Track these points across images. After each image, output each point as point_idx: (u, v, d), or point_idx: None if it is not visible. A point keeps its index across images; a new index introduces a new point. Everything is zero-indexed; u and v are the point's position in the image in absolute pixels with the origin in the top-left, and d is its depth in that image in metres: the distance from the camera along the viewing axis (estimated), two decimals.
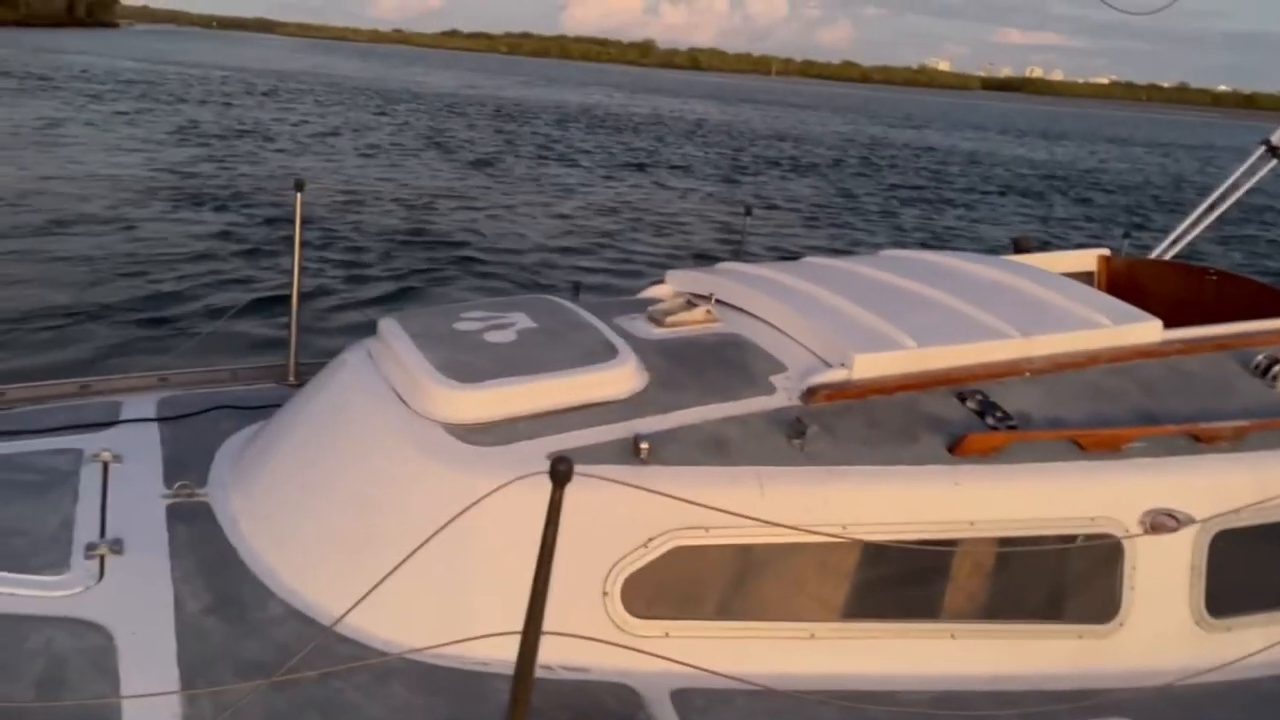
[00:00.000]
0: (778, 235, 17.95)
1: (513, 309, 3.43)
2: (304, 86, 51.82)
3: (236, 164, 20.89)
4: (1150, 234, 17.76)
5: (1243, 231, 22.71)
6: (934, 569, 2.80)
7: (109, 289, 10.42)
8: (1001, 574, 2.87)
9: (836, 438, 2.87)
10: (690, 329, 3.43)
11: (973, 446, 2.86)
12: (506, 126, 37.18)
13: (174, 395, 3.92)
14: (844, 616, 2.74)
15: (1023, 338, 3.31)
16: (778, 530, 2.65)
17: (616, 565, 2.60)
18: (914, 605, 2.79)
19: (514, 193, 20.56)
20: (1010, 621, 2.85)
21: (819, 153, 37.91)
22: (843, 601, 2.75)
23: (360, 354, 3.27)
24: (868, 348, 3.12)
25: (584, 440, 2.76)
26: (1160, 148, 67.53)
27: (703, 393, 3.00)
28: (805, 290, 3.56)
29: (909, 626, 2.77)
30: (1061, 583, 2.92)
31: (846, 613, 2.75)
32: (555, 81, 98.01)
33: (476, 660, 2.46)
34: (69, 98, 32.62)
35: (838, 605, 2.74)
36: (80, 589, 2.59)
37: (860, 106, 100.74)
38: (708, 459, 2.75)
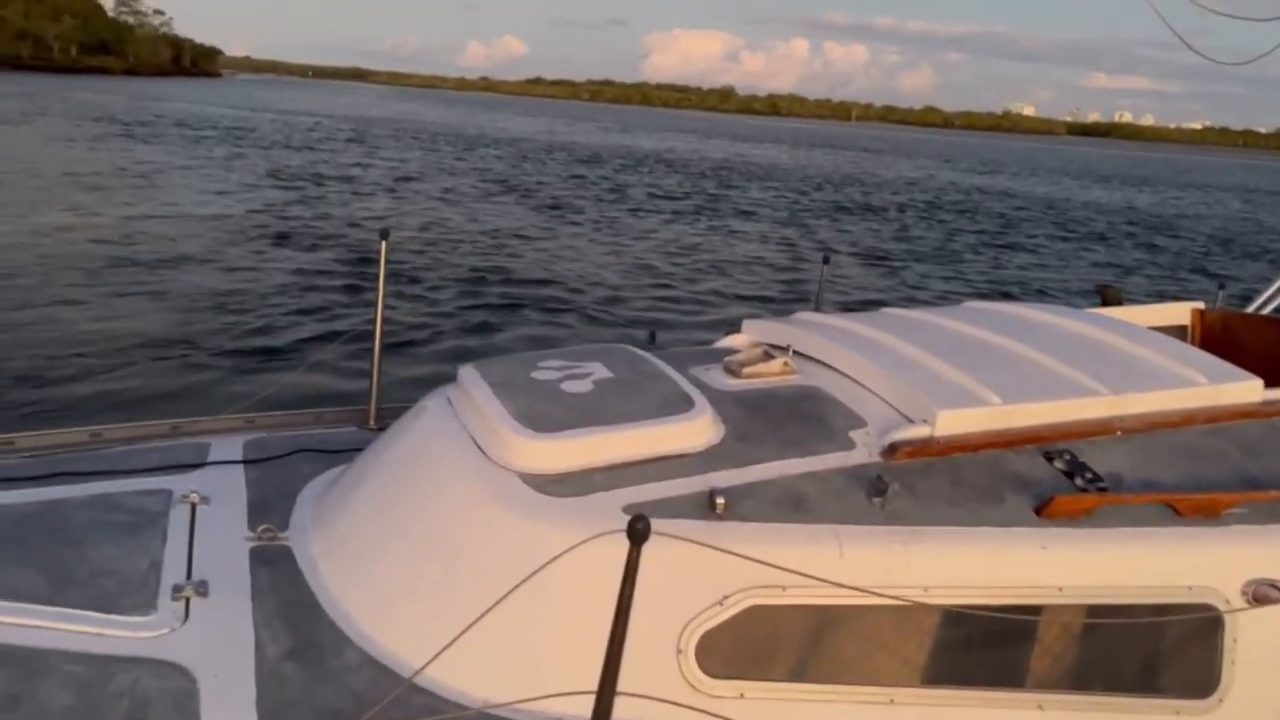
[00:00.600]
0: (855, 282, 17.80)
1: (590, 358, 3.44)
2: (389, 132, 53.55)
3: (322, 207, 21.65)
4: (1244, 285, 17.10)
5: None
6: (1020, 636, 2.69)
7: (199, 327, 10.83)
8: (1091, 643, 2.75)
9: (918, 497, 2.80)
10: (767, 381, 3.40)
11: (1061, 509, 2.76)
12: (584, 171, 37.82)
13: (259, 437, 4.02)
14: (925, 682, 2.65)
15: (1114, 395, 3.19)
16: (857, 591, 2.59)
17: (691, 623, 2.56)
18: (999, 673, 2.69)
19: (591, 236, 20.82)
20: (1101, 694, 2.72)
21: (897, 199, 37.57)
22: (924, 667, 2.66)
23: (440, 401, 3.31)
24: (951, 404, 3.05)
25: (659, 493, 2.74)
26: (1256, 195, 65.23)
27: (780, 447, 2.96)
28: (885, 342, 3.51)
29: (993, 695, 2.67)
30: (1156, 654, 2.78)
31: (927, 679, 2.65)
32: (633, 127, 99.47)
33: (551, 718, 2.44)
34: (169, 142, 34.30)
35: (918, 670, 2.65)
36: (166, 630, 2.65)
37: (940, 152, 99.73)
38: (785, 516, 2.70)
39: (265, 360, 9.58)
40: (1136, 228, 34.09)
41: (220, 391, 7.68)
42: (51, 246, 14.62)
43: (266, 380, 5.96)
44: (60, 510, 3.21)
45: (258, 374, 8.76)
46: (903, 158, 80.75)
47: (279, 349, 10.22)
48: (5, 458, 3.65)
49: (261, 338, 10.53)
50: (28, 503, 3.24)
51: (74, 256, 14.04)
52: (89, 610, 2.68)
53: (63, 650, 2.53)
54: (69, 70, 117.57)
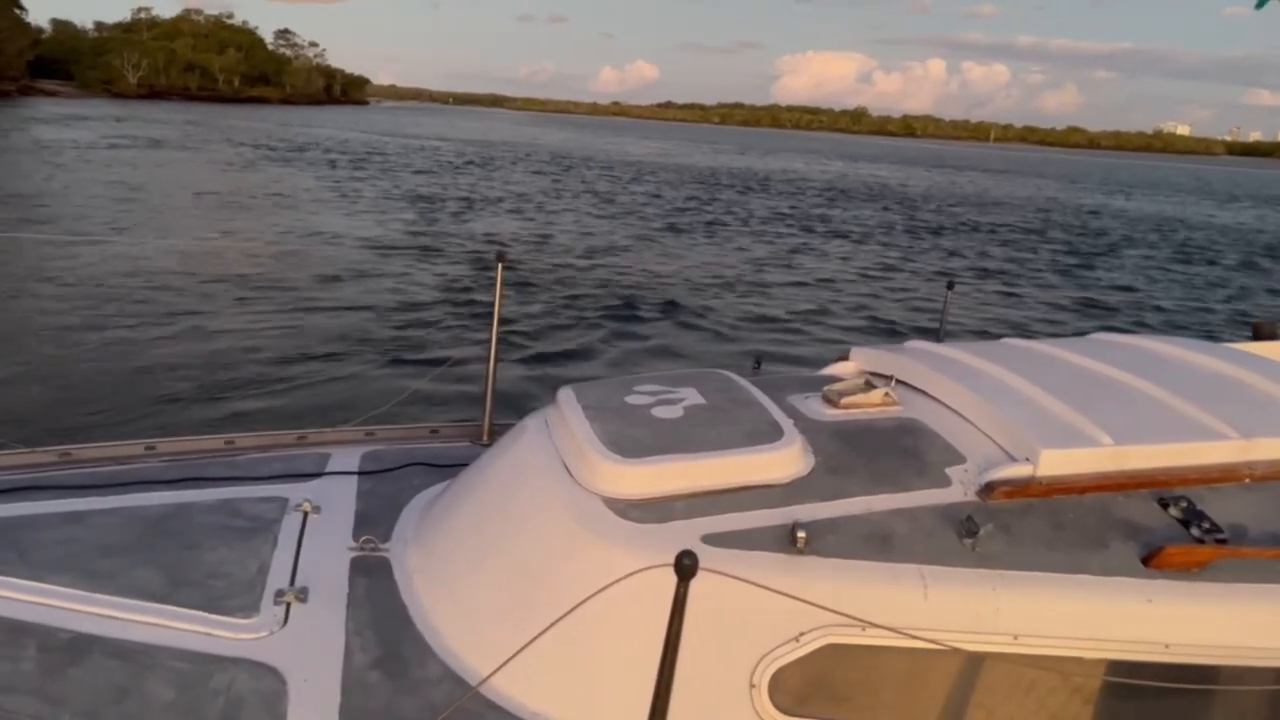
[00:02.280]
0: (984, 311, 17.21)
1: (685, 383, 3.44)
2: (521, 155, 55.08)
3: (450, 226, 22.45)
4: None
5: None
6: (1119, 694, 2.53)
7: (328, 341, 11.37)
8: (1202, 705, 2.56)
9: (1013, 539, 2.68)
10: (866, 412, 3.32)
11: (1172, 559, 2.59)
12: (706, 194, 37.87)
13: (377, 450, 4.18)
14: None
15: (1243, 439, 2.98)
16: (941, 634, 2.49)
17: (766, 657, 2.51)
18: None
19: (709, 259, 20.88)
20: None
21: (1033, 224, 36.14)
22: (1011, 718, 2.53)
23: (539, 422, 3.37)
24: (1057, 443, 2.90)
25: (740, 524, 2.70)
26: None
27: (871, 481, 2.88)
28: (996, 375, 3.37)
29: None
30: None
31: None
32: (760, 150, 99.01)
33: None
34: (316, 165, 36.22)
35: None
36: (266, 634, 2.77)
37: (1083, 174, 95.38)
38: (870, 553, 2.62)
39: (389, 375, 9.95)
40: None
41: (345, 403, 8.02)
42: (200, 264, 15.64)
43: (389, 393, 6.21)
44: (187, 513, 3.41)
45: (380, 387, 9.10)
46: (1050, 180, 77.75)
47: (405, 362, 10.62)
48: (146, 462, 3.91)
49: (385, 355, 10.96)
50: (161, 505, 3.46)
51: (220, 274, 14.97)
52: (199, 610, 2.84)
53: (171, 647, 2.68)
54: (232, 100, 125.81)
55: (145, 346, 10.72)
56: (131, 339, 11.03)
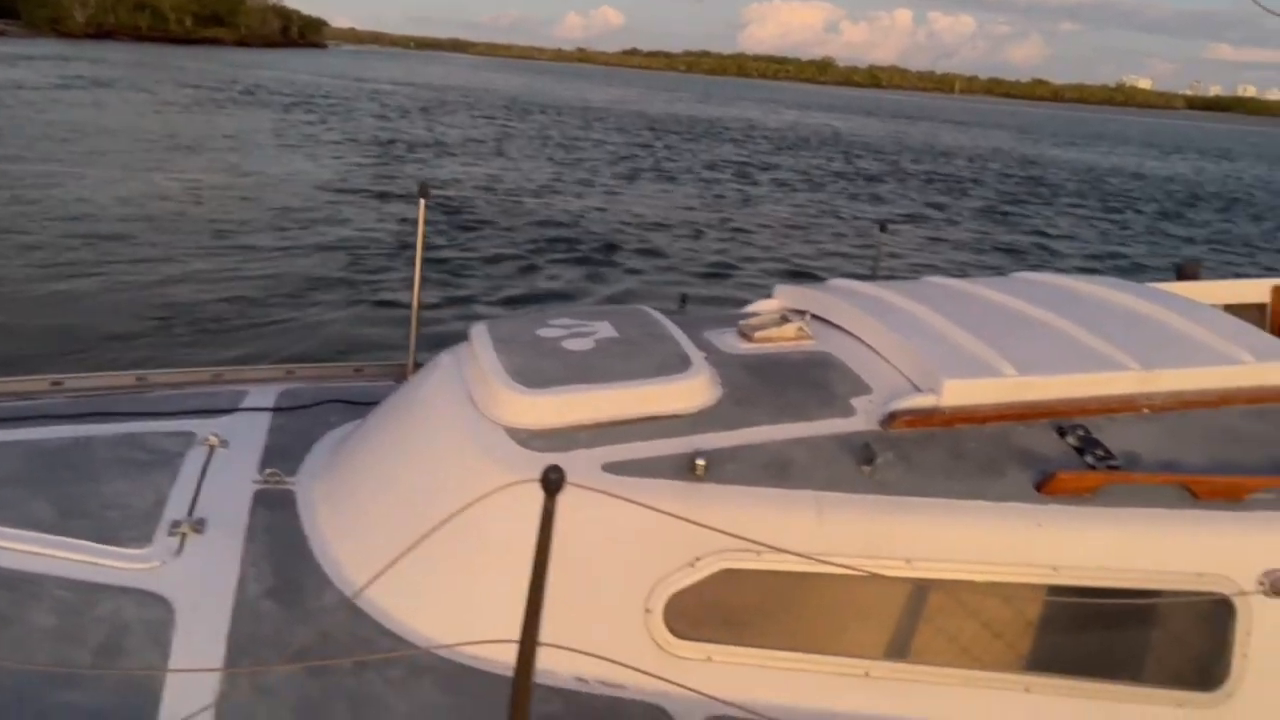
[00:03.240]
0: (920, 254, 17.17)
1: (600, 318, 3.42)
2: (478, 101, 54.09)
3: (398, 169, 22.09)
4: None
5: None
6: (1009, 615, 2.58)
7: (258, 281, 11.11)
8: (1089, 627, 2.62)
9: (912, 467, 2.70)
10: (779, 345, 3.32)
11: (1063, 485, 2.63)
12: (659, 141, 37.37)
13: (296, 388, 4.12)
14: (904, 657, 2.57)
15: (1144, 370, 3.02)
16: (834, 559, 2.52)
17: (661, 583, 2.53)
18: (984, 652, 2.58)
19: (652, 203, 20.67)
20: (1097, 680, 2.59)
21: (976, 173, 36.08)
22: (904, 641, 2.57)
23: (452, 357, 3.34)
24: (960, 373, 2.92)
25: (642, 453, 2.71)
26: None
27: (775, 411, 2.89)
28: (910, 311, 3.38)
29: (977, 675, 2.57)
30: (1160, 643, 2.63)
31: (907, 653, 2.57)
32: (721, 98, 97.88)
33: (497, 662, 2.44)
34: (266, 108, 35.33)
35: (898, 644, 2.57)
36: (157, 564, 2.74)
37: (1038, 126, 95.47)
38: (768, 480, 2.64)
39: (316, 314, 9.70)
40: (1259, 204, 32.23)
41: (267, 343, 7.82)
42: (149, 206, 15.26)
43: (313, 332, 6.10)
44: (89, 447, 3.35)
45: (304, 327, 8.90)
46: (1005, 130, 77.86)
47: (334, 303, 10.40)
48: (52, 398, 3.82)
49: (322, 291, 10.72)
50: (60, 439, 3.39)
51: (160, 214, 14.62)
52: (90, 540, 2.79)
53: (59, 577, 2.64)
54: (184, 41, 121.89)
55: (69, 285, 10.43)
56: (56, 276, 10.73)
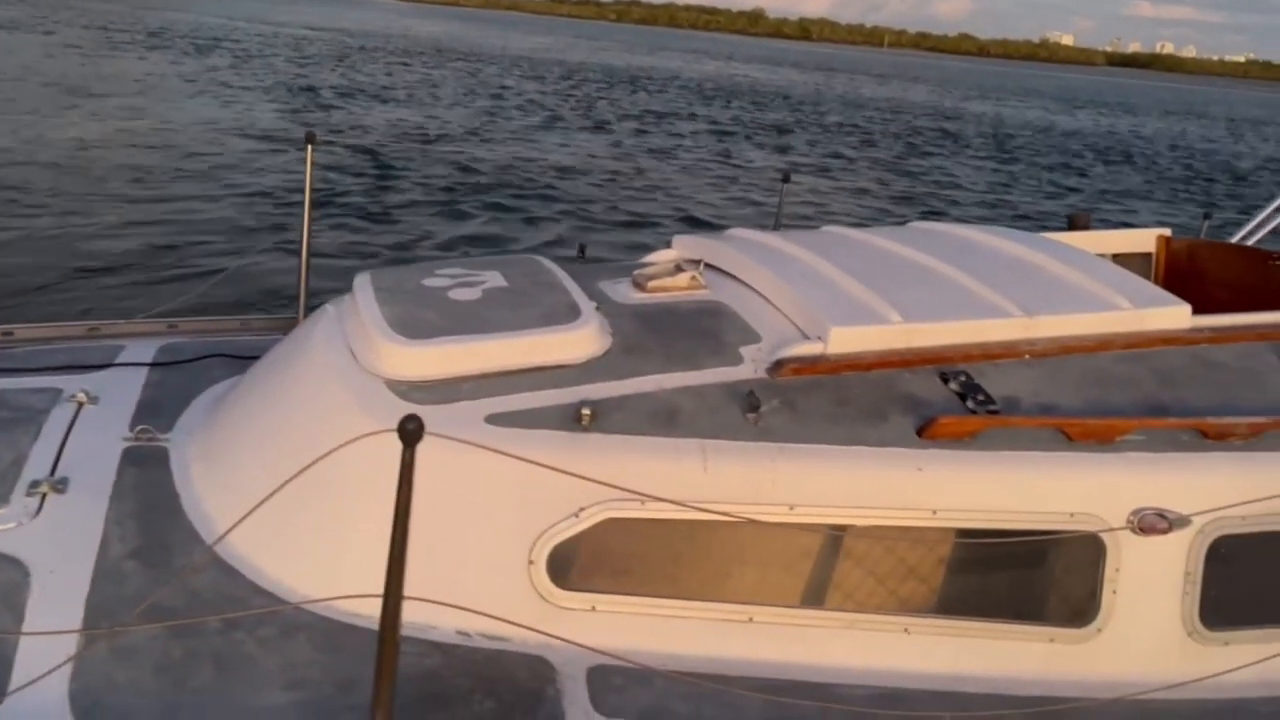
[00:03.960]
0: (826, 204, 17.18)
1: (489, 268, 3.34)
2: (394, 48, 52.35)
3: (305, 116, 21.35)
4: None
5: None
6: (889, 558, 2.62)
7: (144, 231, 10.63)
8: (966, 568, 2.68)
9: (797, 413, 2.71)
10: (672, 295, 3.29)
11: (943, 430, 2.66)
12: (574, 90, 36.70)
13: (176, 342, 3.96)
14: (786, 602, 2.59)
15: (1026, 317, 3.07)
16: (719, 506, 2.52)
17: (545, 534, 2.50)
18: (865, 595, 2.62)
19: (558, 152, 20.29)
20: (973, 619, 2.66)
21: (897, 125, 36.34)
22: (785, 586, 2.60)
23: (335, 308, 3.23)
24: (846, 321, 2.93)
25: (526, 404, 2.66)
26: None
27: (664, 360, 2.86)
28: (804, 260, 3.38)
29: (858, 618, 2.61)
30: (1033, 581, 2.70)
31: (790, 598, 2.60)
32: (645, 48, 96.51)
33: (366, 616, 2.40)
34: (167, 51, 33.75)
35: (780, 590, 2.60)
36: (13, 525, 2.62)
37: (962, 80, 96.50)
38: (654, 429, 2.62)
39: (211, 264, 9.25)
40: (1171, 161, 33.00)
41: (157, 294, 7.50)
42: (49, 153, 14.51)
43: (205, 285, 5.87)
44: None
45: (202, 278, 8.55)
46: (924, 84, 78.48)
47: (210, 256, 10.00)
48: None
49: (190, 252, 10.31)
50: None
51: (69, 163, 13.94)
52: None
53: None
54: None
55: None
56: None
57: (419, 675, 2.31)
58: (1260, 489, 2.69)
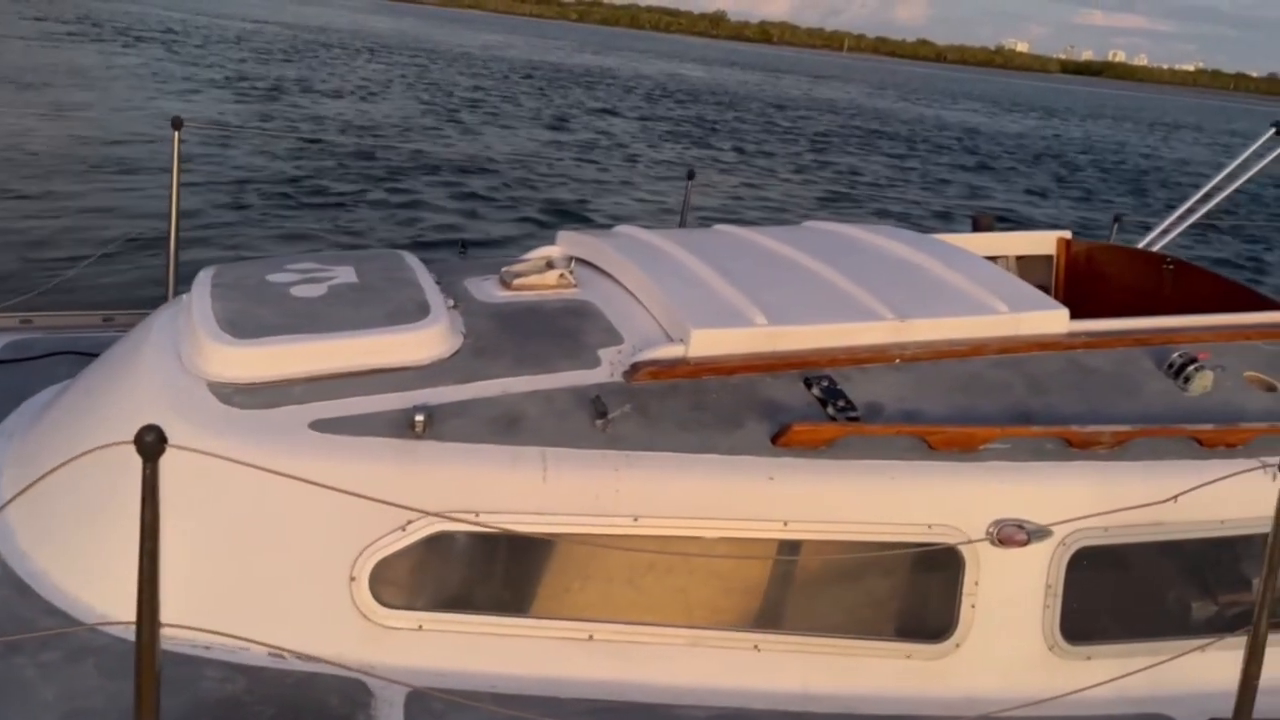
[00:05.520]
0: (743, 203, 16.84)
1: (344, 263, 3.19)
2: (346, 43, 51.46)
3: (234, 107, 20.88)
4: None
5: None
6: (739, 571, 2.51)
7: (57, 225, 10.20)
8: (819, 582, 2.57)
9: (649, 420, 2.58)
10: (539, 293, 3.15)
11: (797, 437, 2.55)
12: (513, 88, 36.06)
13: (28, 338, 3.76)
14: (630, 619, 2.47)
15: (898, 320, 2.97)
16: (558, 518, 2.39)
17: (368, 549, 2.35)
18: (712, 610, 2.51)
19: (479, 146, 19.98)
20: (826, 636, 2.55)
21: (837, 127, 36.10)
22: (629, 602, 2.47)
23: (174, 306, 3.06)
24: (708, 322, 2.82)
25: (359, 409, 2.51)
26: (1235, 137, 64.46)
27: (515, 363, 2.73)
28: (681, 259, 3.26)
29: (704, 634, 2.49)
30: (889, 595, 2.61)
31: (633, 615, 2.47)
32: (595, 47, 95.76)
33: (193, 644, 2.24)
34: (116, 44, 32.90)
35: (623, 606, 2.47)
36: None
37: (910, 84, 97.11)
38: (493, 436, 2.48)
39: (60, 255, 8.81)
40: (1109, 167, 33.31)
41: None
42: None
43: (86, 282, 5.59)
44: None
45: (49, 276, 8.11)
46: (864, 86, 78.74)
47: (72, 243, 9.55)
48: None
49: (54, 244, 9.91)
50: None
51: None
52: None
53: None
54: None
55: None
56: None
57: (217, 702, 2.15)
58: (1124, 499, 2.61)
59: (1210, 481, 2.45)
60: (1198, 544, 2.72)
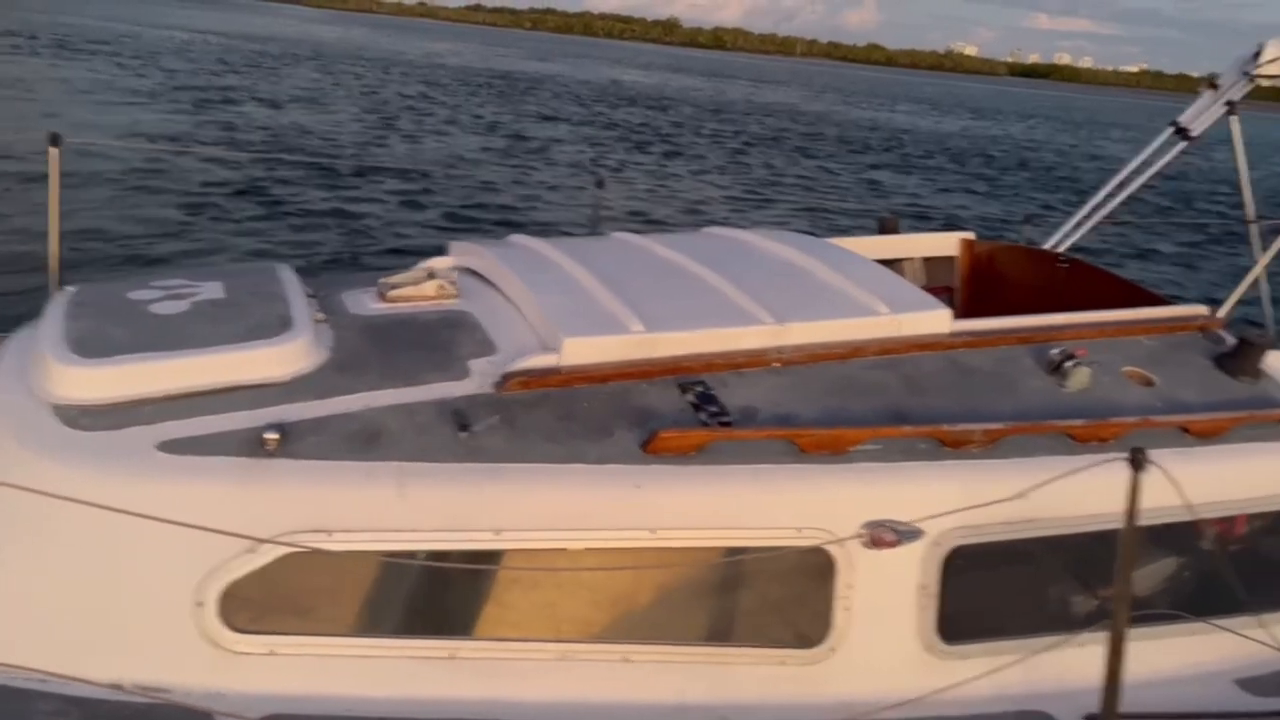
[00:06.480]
0: (658, 209, 16.57)
1: (214, 278, 3.10)
2: (296, 53, 50.74)
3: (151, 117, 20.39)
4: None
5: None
6: (608, 582, 2.47)
7: None
8: (690, 590, 2.54)
9: (516, 431, 2.54)
10: (416, 305, 3.10)
11: (664, 444, 2.52)
12: (446, 95, 35.45)
13: None
14: (494, 635, 2.42)
15: (777, 324, 2.95)
16: (416, 535, 2.33)
17: (215, 572, 2.28)
18: (580, 624, 2.46)
19: (424, 154, 19.71)
20: (698, 644, 2.52)
21: (776, 132, 35.87)
22: (493, 618, 2.42)
23: (31, 328, 2.95)
24: (582, 331, 2.78)
25: (210, 428, 2.43)
26: None
27: (380, 377, 2.67)
28: (566, 269, 3.22)
29: (573, 648, 2.44)
30: (763, 602, 2.58)
31: (497, 631, 2.42)
32: (538, 54, 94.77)
33: (28, 677, 2.15)
34: (55, 56, 32.17)
35: (487, 622, 2.42)
36: None
37: (868, 89, 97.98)
38: (350, 453, 2.42)
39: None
40: (1026, 167, 33.45)
41: None
42: None
43: None
44: None
45: None
46: (807, 90, 79.07)
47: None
48: None
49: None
50: None
51: None
52: None
53: None
54: None
55: None
56: None
57: None
58: (996, 497, 2.61)
59: (1066, 474, 2.45)
60: (1070, 539, 2.72)
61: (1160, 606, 2.82)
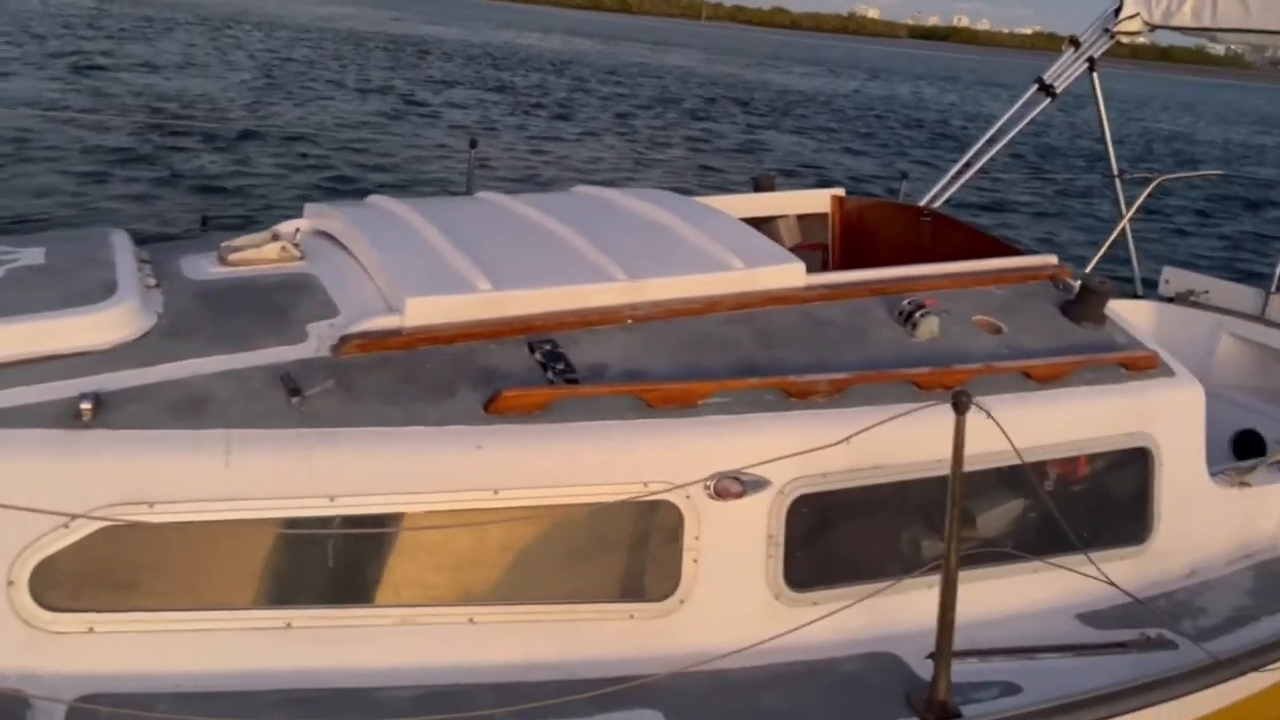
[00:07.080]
0: (534, 170, 16.27)
1: (36, 244, 2.94)
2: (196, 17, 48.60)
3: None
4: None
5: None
6: (449, 545, 2.43)
7: None
8: (536, 549, 2.52)
9: (352, 395, 2.47)
10: (257, 268, 2.98)
11: (509, 404, 2.48)
12: (333, 58, 34.54)
13: None
14: (331, 602, 2.36)
15: (630, 281, 2.93)
16: (244, 504, 2.25)
17: (26, 550, 2.17)
18: (421, 587, 2.42)
19: (291, 117, 19.11)
20: (545, 604, 2.50)
21: (666, 93, 35.76)
22: (329, 585, 2.37)
23: None
24: (426, 290, 2.71)
25: (21, 399, 2.30)
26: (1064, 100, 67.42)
27: (210, 342, 2.56)
28: (418, 229, 3.13)
29: (414, 612, 2.40)
30: (610, 557, 2.58)
31: (334, 598, 2.36)
32: (441, 18, 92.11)
33: None
34: None
35: (323, 590, 2.36)
36: None
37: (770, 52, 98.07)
38: (174, 421, 2.32)
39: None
40: (916, 125, 34.02)
41: None
42: None
43: None
44: None
45: None
46: (702, 52, 78.84)
47: None
48: None
49: None
50: None
51: None
52: None
53: None
54: None
55: None
56: None
57: None
58: (840, 446, 2.65)
59: (893, 417, 2.50)
60: (911, 485, 2.79)
61: (1003, 547, 2.91)
